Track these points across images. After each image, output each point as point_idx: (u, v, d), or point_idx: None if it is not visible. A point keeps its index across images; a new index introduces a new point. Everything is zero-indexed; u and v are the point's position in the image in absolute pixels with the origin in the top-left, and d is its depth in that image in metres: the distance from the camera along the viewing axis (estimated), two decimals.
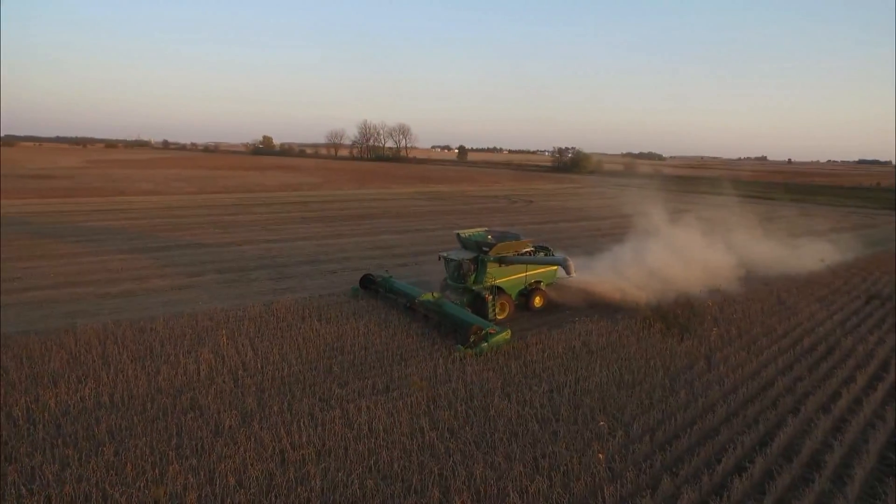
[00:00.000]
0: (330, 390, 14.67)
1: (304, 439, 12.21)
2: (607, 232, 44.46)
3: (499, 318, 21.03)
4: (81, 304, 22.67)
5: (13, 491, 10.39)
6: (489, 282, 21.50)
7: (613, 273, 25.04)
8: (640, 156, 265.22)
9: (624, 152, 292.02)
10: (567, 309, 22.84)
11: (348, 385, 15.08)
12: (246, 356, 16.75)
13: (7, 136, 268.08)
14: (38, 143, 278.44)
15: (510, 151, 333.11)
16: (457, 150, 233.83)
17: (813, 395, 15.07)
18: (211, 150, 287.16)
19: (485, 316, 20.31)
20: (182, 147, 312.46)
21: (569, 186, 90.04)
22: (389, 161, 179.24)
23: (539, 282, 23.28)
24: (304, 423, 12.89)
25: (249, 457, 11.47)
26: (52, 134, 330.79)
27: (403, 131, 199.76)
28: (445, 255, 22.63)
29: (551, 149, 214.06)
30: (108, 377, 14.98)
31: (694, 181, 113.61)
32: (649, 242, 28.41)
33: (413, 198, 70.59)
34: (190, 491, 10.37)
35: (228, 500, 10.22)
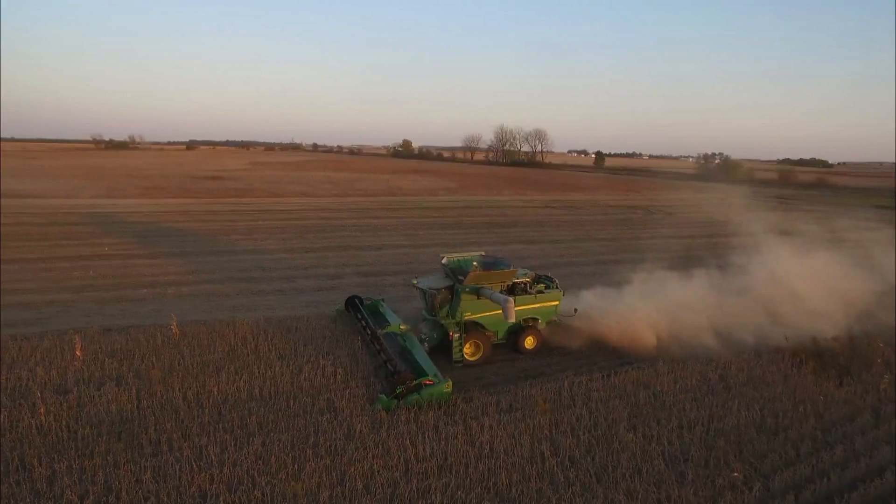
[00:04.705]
0: (454, 404, 15.13)
1: (427, 452, 12.76)
2: (752, 250, 40.76)
3: (469, 359, 18.47)
4: (241, 298, 25.54)
5: (187, 466, 12.05)
6: (462, 316, 18.52)
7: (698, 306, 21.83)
8: (800, 162, 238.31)
9: (780, 158, 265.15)
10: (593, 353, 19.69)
11: (473, 401, 15.43)
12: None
13: (191, 141, 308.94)
14: (212, 147, 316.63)
15: (650, 157, 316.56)
16: (594, 156, 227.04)
17: None
18: (355, 152, 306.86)
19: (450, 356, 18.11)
20: (329, 150, 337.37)
21: (714, 197, 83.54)
22: (524, 166, 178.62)
23: (535, 319, 19.89)
24: (428, 435, 13.45)
25: (377, 463, 12.24)
26: (223, 138, 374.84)
27: (539, 136, 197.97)
28: (415, 281, 20.05)
29: (696, 155, 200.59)
30: (258, 371, 16.77)
31: (867, 192, 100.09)
32: (785, 265, 25.28)
33: (547, 206, 69.88)
34: (323, 489, 11.34)
35: (356, 503, 11.00)
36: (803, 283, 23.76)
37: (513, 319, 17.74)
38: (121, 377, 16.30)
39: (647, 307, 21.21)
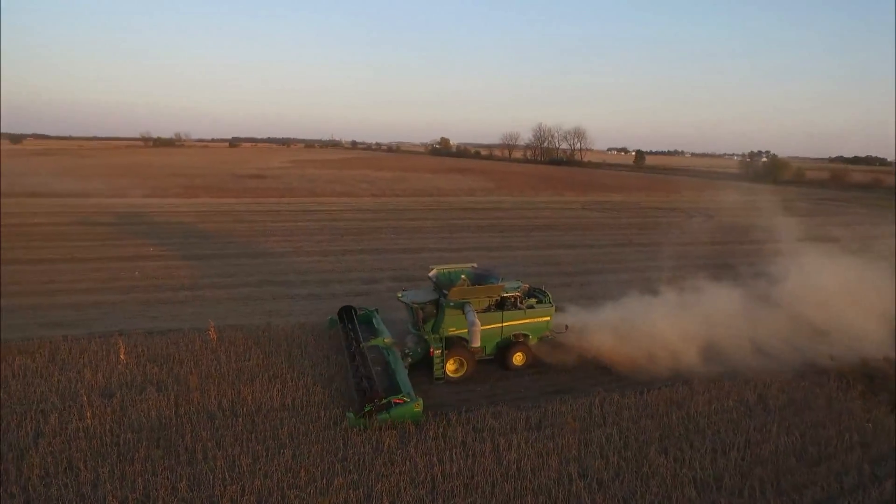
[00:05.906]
0: (484, 420, 15.08)
1: (454, 470, 12.77)
2: (794, 258, 39.21)
3: (451, 376, 17.96)
4: (276, 303, 26.05)
5: (220, 475, 12.39)
6: (445, 331, 18.14)
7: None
8: (855, 160, 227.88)
9: (832, 156, 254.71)
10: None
11: (502, 416, 15.34)
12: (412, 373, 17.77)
13: (233, 138, 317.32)
14: (254, 144, 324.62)
15: (693, 155, 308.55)
16: (634, 154, 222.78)
17: None
18: (393, 150, 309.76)
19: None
20: (368, 147, 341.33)
21: (760, 199, 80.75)
22: (563, 164, 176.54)
23: (524, 335, 19.22)
24: (456, 452, 13.45)
25: (403, 480, 12.32)
26: (265, 135, 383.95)
27: (578, 135, 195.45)
28: (401, 295, 19.56)
29: (741, 153, 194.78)
30: (291, 380, 17.09)
31: None
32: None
33: (585, 207, 68.88)
34: None
35: None
36: (850, 296, 22.70)
37: (477, 344, 17.49)
38: (161, 382, 16.88)
39: (681, 321, 20.67)
